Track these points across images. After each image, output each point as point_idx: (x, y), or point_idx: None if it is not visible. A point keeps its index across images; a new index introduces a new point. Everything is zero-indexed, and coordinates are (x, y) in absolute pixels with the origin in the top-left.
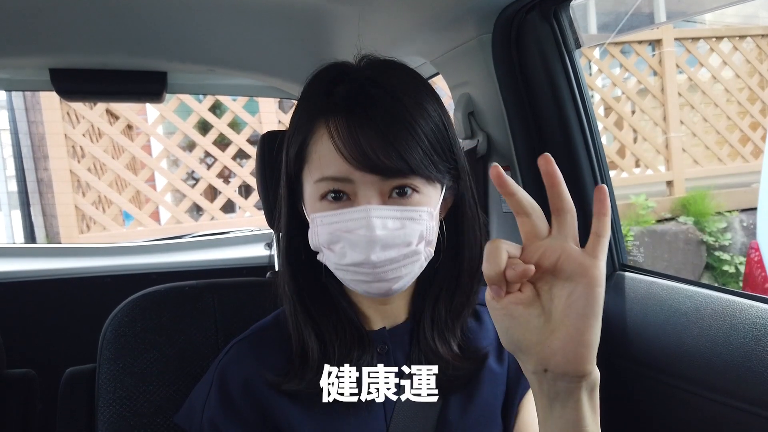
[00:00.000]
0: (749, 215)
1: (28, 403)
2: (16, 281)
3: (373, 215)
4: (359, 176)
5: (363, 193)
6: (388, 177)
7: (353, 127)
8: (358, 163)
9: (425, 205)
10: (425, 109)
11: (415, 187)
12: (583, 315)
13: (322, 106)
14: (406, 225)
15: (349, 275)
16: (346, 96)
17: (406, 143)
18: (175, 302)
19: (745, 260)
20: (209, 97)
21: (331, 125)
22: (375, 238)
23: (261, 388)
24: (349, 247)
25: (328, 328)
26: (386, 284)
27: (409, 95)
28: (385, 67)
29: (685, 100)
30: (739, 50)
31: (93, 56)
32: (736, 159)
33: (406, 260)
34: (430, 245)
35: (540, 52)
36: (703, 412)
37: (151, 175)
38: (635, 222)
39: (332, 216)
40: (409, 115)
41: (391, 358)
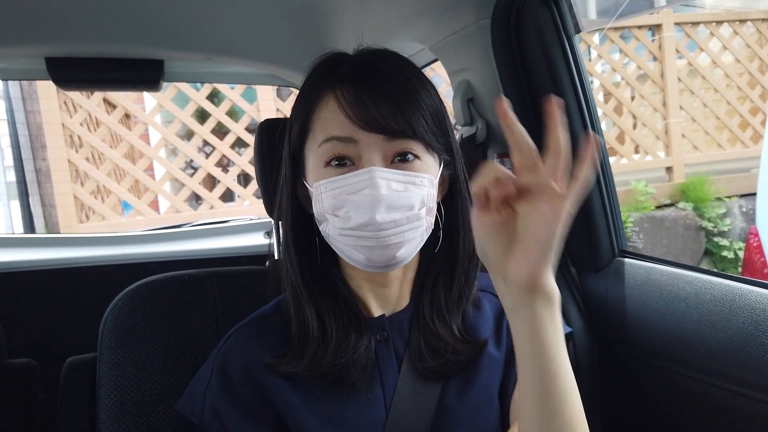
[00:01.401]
0: (748, 201)
1: (30, 392)
2: (16, 271)
3: (377, 175)
4: (364, 136)
5: (367, 156)
6: (393, 138)
7: (360, 91)
8: (364, 123)
9: (426, 172)
10: (425, 88)
11: (417, 154)
12: (537, 231)
13: (329, 80)
14: (409, 188)
15: (353, 240)
16: (353, 68)
17: (410, 109)
18: (175, 291)
19: (744, 246)
20: (207, 85)
21: (338, 92)
22: (380, 198)
23: (261, 375)
24: (354, 209)
25: (328, 310)
26: (389, 251)
27: (412, 73)
28: (386, 52)
29: (684, 85)
30: (739, 35)
31: (89, 44)
32: (736, 144)
33: (409, 224)
34: (430, 213)
35: (539, 37)
36: (702, 397)
37: (149, 165)
38: (635, 208)
39: (337, 180)
40: (413, 86)
41: (390, 345)
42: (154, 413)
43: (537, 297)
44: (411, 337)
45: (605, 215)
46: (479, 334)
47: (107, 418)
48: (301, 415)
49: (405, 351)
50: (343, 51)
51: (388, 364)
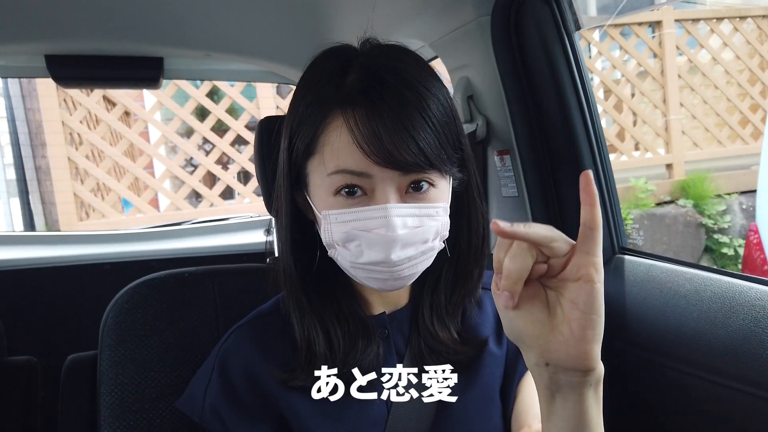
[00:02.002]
0: (748, 197)
1: (30, 390)
2: (17, 269)
3: (393, 214)
4: (378, 171)
5: (381, 189)
6: (408, 172)
7: (372, 119)
8: (379, 158)
9: (440, 201)
10: (437, 97)
11: (431, 182)
12: (585, 311)
13: (336, 96)
14: (424, 222)
15: (365, 273)
16: (360, 85)
17: (424, 135)
18: (175, 289)
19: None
20: (207, 82)
21: (348, 117)
22: (396, 238)
23: (262, 374)
24: (367, 246)
25: (332, 319)
26: (401, 281)
27: (422, 82)
28: (394, 52)
29: (685, 82)
30: (739, 31)
31: (89, 42)
32: (736, 141)
33: (422, 257)
34: (442, 239)
35: (539, 34)
36: (702, 394)
37: (149, 162)
38: (635, 205)
39: (349, 214)
40: (424, 103)
41: (391, 343)
42: (155, 410)
43: (587, 380)
44: (411, 337)
45: (605, 212)
46: (480, 334)
47: (108, 416)
48: (302, 414)
49: (406, 349)
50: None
51: (389, 362)
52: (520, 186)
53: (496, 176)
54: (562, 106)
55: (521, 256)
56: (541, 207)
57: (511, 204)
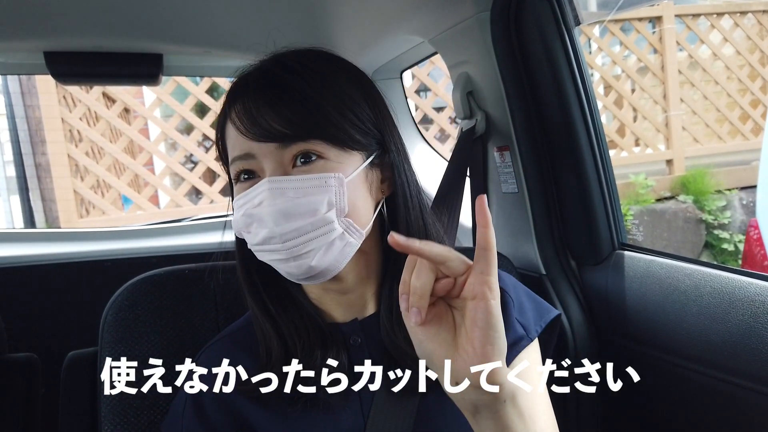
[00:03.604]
0: (749, 193)
1: (31, 387)
2: (16, 266)
3: (271, 186)
4: (258, 148)
5: (266, 166)
6: (286, 143)
7: (249, 106)
8: (254, 135)
9: (333, 171)
10: (331, 81)
11: (320, 154)
12: (483, 328)
13: (228, 101)
14: (309, 192)
15: (266, 255)
16: (248, 84)
17: (303, 110)
18: (175, 285)
19: (745, 238)
20: (206, 79)
21: (232, 111)
22: (276, 208)
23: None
24: (258, 224)
25: (288, 326)
26: (303, 261)
27: (314, 70)
28: (298, 51)
29: (685, 77)
30: (740, 26)
31: (88, 39)
32: (736, 137)
33: (315, 231)
34: (345, 215)
35: (539, 29)
36: (702, 389)
37: (149, 159)
38: (635, 201)
39: (242, 198)
40: (308, 86)
41: (365, 350)
42: (155, 407)
43: (499, 396)
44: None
45: (605, 208)
46: None
47: (108, 412)
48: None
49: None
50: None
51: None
52: (520, 182)
53: (495, 172)
54: (561, 102)
55: (424, 272)
56: (540, 202)
57: (510, 200)
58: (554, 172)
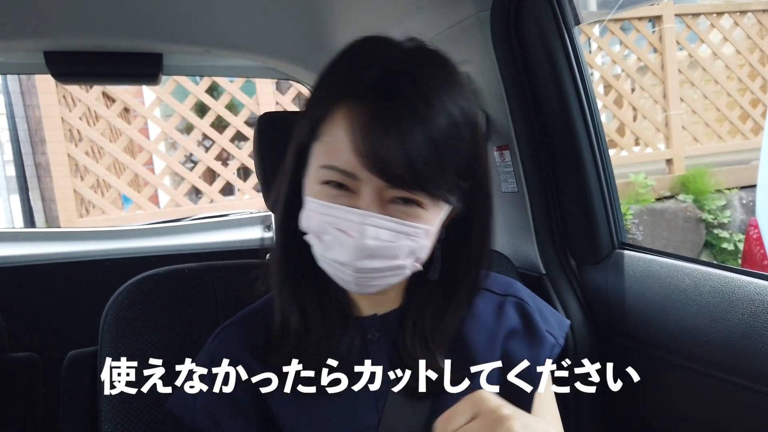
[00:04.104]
0: (749, 192)
1: (31, 386)
2: (17, 265)
3: (368, 223)
4: (366, 175)
5: (366, 194)
6: (397, 186)
7: (374, 124)
8: (370, 164)
9: (425, 223)
10: (451, 114)
11: (421, 203)
12: None
13: (347, 88)
14: (399, 239)
15: (331, 269)
16: (375, 85)
17: (423, 154)
18: (175, 285)
19: (744, 238)
20: (206, 79)
21: (353, 114)
22: (364, 247)
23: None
24: (337, 244)
25: (312, 304)
26: (364, 289)
27: (439, 95)
28: (424, 58)
29: (685, 77)
30: (739, 26)
31: (87, 38)
32: (736, 136)
33: (389, 272)
34: (419, 261)
35: (539, 29)
36: (701, 388)
37: (149, 159)
38: (634, 200)
39: (328, 208)
40: (434, 119)
41: (381, 346)
42: (156, 406)
43: None
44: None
45: (605, 208)
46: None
47: (109, 411)
48: (291, 416)
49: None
50: (379, 39)
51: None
52: (520, 181)
53: (495, 172)
54: (561, 102)
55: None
56: (540, 202)
57: (510, 199)
58: (554, 172)
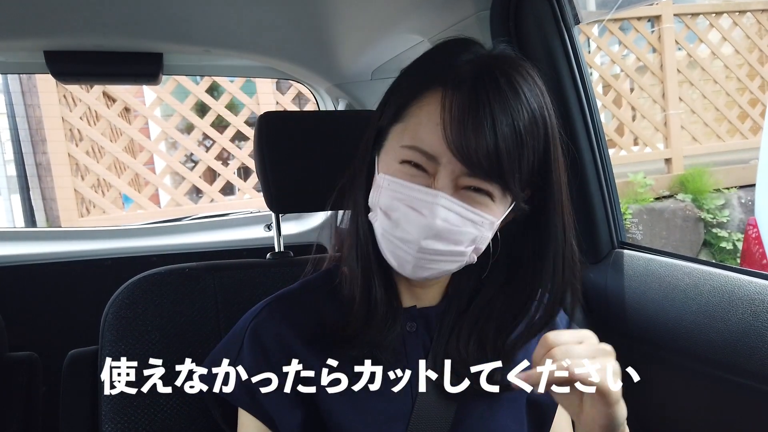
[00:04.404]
0: (747, 192)
1: (31, 385)
2: (17, 265)
3: (441, 203)
4: (448, 159)
5: (443, 177)
6: (475, 174)
7: (468, 109)
8: (456, 151)
9: (492, 215)
10: (535, 111)
11: (491, 194)
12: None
13: (442, 72)
14: (465, 225)
15: (393, 246)
16: (471, 71)
17: (508, 155)
18: (175, 284)
19: (743, 237)
20: (206, 78)
21: (448, 95)
22: (432, 226)
23: (296, 350)
24: (405, 221)
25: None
26: (419, 271)
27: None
28: (514, 59)
29: (684, 76)
30: (738, 26)
31: (88, 38)
32: (735, 136)
33: (450, 257)
34: (477, 252)
35: (538, 28)
36: (701, 387)
37: (149, 158)
38: (633, 200)
39: (403, 186)
40: (522, 121)
41: (419, 338)
42: (156, 405)
43: None
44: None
45: (604, 207)
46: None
47: (109, 410)
48: (330, 398)
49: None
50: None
51: (415, 356)
52: None
53: None
54: (561, 101)
55: None
56: None
57: None
58: None
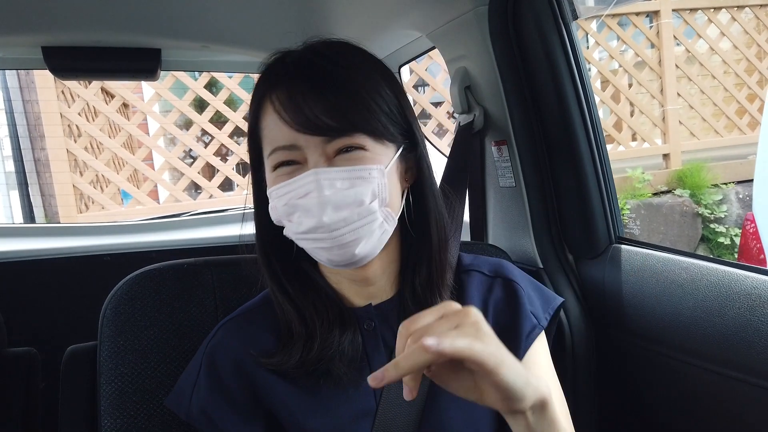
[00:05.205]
0: (745, 187)
1: (30, 381)
2: (16, 260)
3: (321, 177)
4: (304, 140)
5: (310, 155)
6: (332, 137)
7: (294, 94)
8: (301, 127)
9: (374, 163)
10: (368, 74)
11: (362, 146)
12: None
13: (267, 85)
14: (355, 184)
15: (309, 243)
16: (287, 70)
17: (348, 103)
18: (174, 280)
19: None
20: (205, 74)
21: (274, 98)
22: (324, 199)
23: (250, 368)
24: (304, 214)
25: (308, 307)
26: (347, 249)
27: (351, 63)
28: (331, 42)
29: (682, 72)
30: (737, 21)
31: (86, 33)
32: (733, 131)
33: (361, 221)
34: (386, 205)
35: (537, 23)
36: (698, 382)
37: (148, 154)
38: (631, 195)
39: (285, 186)
40: (352, 78)
41: (378, 335)
42: (155, 400)
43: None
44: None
45: (602, 202)
46: None
47: (108, 406)
48: (292, 406)
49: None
50: (287, 50)
51: (376, 355)
52: (518, 176)
53: (493, 166)
54: (559, 96)
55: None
56: (538, 197)
57: (508, 194)
58: (552, 167)
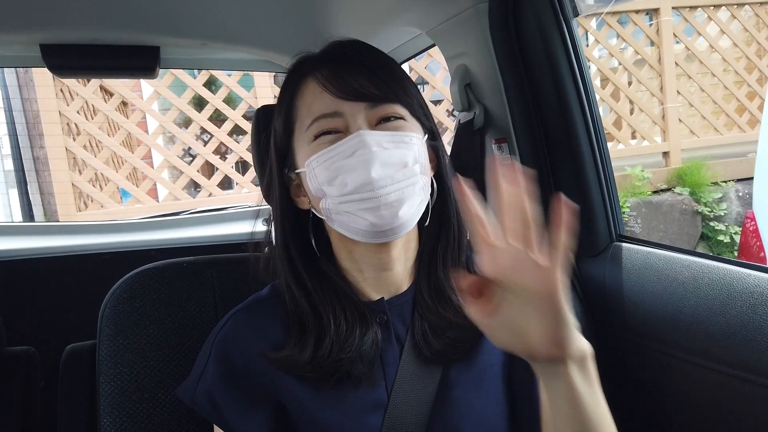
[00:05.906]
0: (745, 185)
1: (30, 380)
2: (15, 259)
3: (367, 137)
4: (348, 107)
5: (353, 124)
6: (376, 104)
7: (338, 68)
8: (345, 94)
9: (413, 132)
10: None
11: (402, 116)
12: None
13: (307, 67)
14: (399, 146)
15: (354, 206)
16: (330, 52)
17: (388, 78)
18: (173, 278)
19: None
20: (204, 72)
21: (316, 74)
22: (372, 155)
23: (260, 359)
24: (349, 173)
25: (326, 304)
26: (392, 210)
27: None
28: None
29: (682, 70)
30: (737, 19)
31: (84, 31)
32: (733, 129)
33: (405, 180)
34: (424, 172)
35: (537, 21)
36: (700, 381)
37: (147, 152)
38: (631, 193)
39: (328, 151)
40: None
41: (390, 329)
42: (154, 399)
43: (568, 366)
44: (413, 321)
45: (603, 200)
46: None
47: (107, 405)
48: (302, 398)
49: (406, 334)
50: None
51: (389, 348)
52: None
53: None
54: (559, 94)
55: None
56: (538, 194)
57: None
58: (552, 164)
